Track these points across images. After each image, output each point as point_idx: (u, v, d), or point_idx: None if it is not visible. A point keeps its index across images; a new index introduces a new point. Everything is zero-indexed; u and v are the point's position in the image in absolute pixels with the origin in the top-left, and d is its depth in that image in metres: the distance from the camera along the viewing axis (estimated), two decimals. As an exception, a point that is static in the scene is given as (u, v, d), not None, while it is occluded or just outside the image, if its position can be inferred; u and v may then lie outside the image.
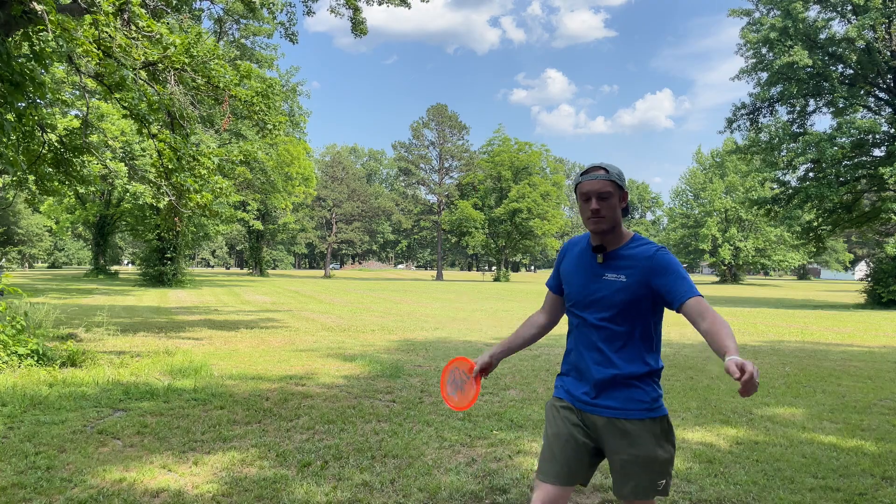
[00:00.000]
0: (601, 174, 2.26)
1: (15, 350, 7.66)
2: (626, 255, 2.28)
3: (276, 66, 43.10)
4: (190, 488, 3.86)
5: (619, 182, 2.27)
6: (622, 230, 2.33)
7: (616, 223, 2.28)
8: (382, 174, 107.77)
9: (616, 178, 2.26)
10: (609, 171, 2.27)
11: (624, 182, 2.30)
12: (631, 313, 2.26)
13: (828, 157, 25.01)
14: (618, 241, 2.31)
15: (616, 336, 2.28)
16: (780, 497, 3.88)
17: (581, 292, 2.35)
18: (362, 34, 12.93)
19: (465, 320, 16.19)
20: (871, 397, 6.94)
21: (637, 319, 2.27)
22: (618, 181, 2.26)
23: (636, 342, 2.28)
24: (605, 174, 2.26)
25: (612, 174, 2.26)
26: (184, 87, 8.92)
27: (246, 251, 66.80)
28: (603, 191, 2.24)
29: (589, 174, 2.29)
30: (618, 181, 2.26)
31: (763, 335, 13.52)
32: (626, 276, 2.25)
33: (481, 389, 2.61)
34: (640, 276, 2.23)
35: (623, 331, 2.27)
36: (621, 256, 2.29)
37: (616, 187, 2.26)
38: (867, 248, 71.52)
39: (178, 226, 13.36)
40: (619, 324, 2.27)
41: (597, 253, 2.33)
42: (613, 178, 2.26)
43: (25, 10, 6.50)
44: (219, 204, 12.73)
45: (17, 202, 56.50)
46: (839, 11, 26.81)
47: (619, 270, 2.27)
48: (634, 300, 2.25)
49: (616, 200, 2.27)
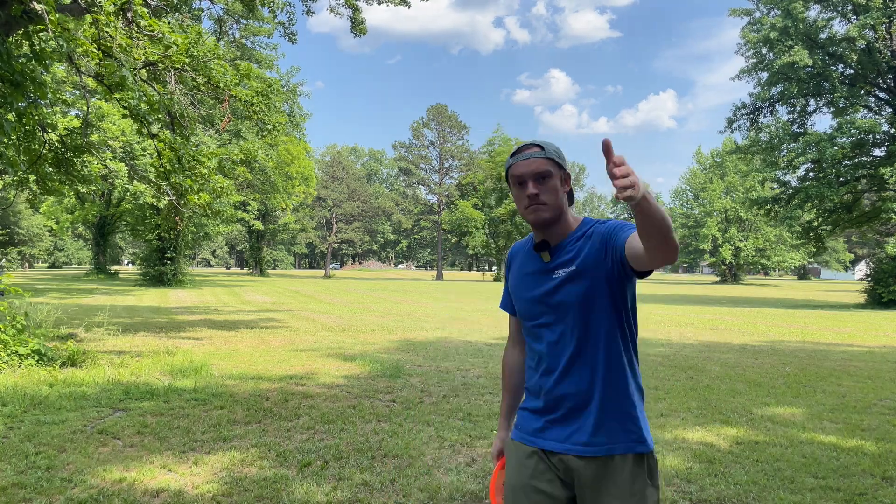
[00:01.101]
0: (535, 152, 1.87)
1: (15, 350, 7.66)
2: (572, 240, 1.89)
3: (277, 66, 43.10)
4: (190, 488, 3.86)
5: (558, 161, 1.88)
6: (569, 218, 1.92)
7: (561, 210, 1.88)
8: (383, 174, 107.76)
9: (554, 155, 1.88)
10: (545, 147, 1.88)
11: (565, 161, 1.92)
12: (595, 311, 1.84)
13: (828, 156, 25.00)
14: (564, 231, 1.90)
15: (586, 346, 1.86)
16: (780, 497, 3.88)
17: (532, 304, 1.94)
18: (362, 34, 12.93)
19: (466, 320, 16.19)
20: (871, 397, 6.94)
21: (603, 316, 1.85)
22: (557, 159, 1.88)
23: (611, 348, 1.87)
24: (541, 151, 1.87)
25: (548, 151, 1.88)
26: (184, 86, 8.92)
27: (246, 251, 66.81)
28: (540, 170, 1.85)
29: (520, 154, 1.89)
30: (557, 159, 1.88)
31: (763, 335, 13.52)
32: (576, 263, 1.85)
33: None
34: (590, 256, 1.84)
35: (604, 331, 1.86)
36: (567, 244, 1.89)
37: (556, 166, 1.87)
38: (867, 248, 71.51)
39: (179, 225, 13.36)
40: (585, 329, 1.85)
41: (540, 252, 1.92)
42: (551, 155, 1.87)
43: (25, 9, 6.50)
44: (220, 203, 12.70)
45: (17, 202, 56.50)
46: (840, 11, 26.80)
47: (568, 262, 1.87)
48: (594, 290, 1.83)
49: (557, 182, 1.87)
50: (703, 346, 11.28)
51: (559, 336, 1.88)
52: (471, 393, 6.78)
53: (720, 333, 13.61)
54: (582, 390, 1.85)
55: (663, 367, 8.76)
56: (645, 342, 11.55)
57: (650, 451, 1.85)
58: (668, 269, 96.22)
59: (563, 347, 1.87)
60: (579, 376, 1.85)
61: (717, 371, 8.48)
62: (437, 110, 71.94)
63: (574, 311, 1.85)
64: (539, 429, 1.90)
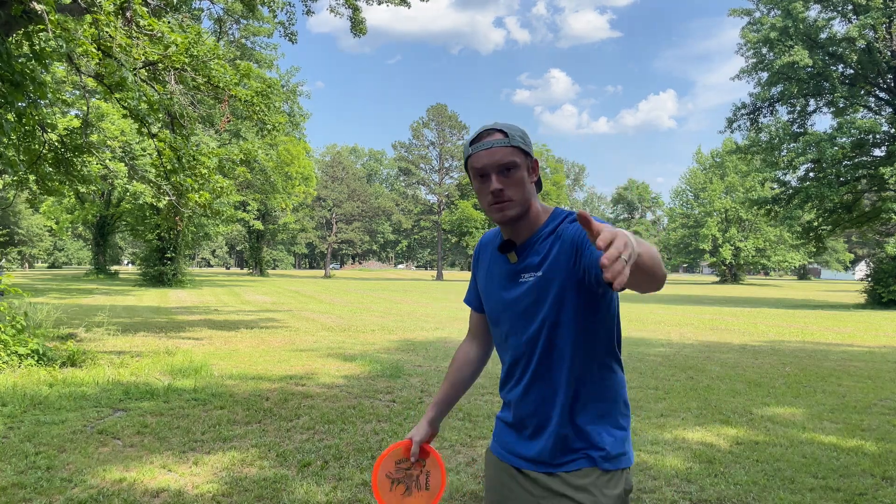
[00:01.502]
0: (498, 140, 1.61)
1: (15, 350, 7.66)
2: (541, 238, 1.67)
3: (277, 66, 43.11)
4: (190, 488, 3.86)
5: (524, 148, 1.64)
6: (537, 210, 1.69)
7: (528, 204, 1.66)
8: (382, 174, 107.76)
9: (520, 142, 1.63)
10: (508, 133, 1.63)
11: (531, 146, 1.68)
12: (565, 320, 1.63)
13: (828, 156, 25.01)
14: (532, 226, 1.68)
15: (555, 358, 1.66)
16: (780, 497, 3.88)
17: (498, 310, 1.75)
18: (361, 34, 12.93)
19: (466, 320, 16.17)
20: (871, 397, 6.94)
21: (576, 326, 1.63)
22: (523, 146, 1.64)
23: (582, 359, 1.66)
24: (503, 139, 1.62)
25: (512, 137, 1.62)
26: (184, 86, 8.92)
27: (246, 251, 66.80)
28: (505, 161, 1.60)
29: (481, 142, 1.63)
30: (523, 146, 1.64)
31: (763, 335, 13.52)
32: (542, 268, 1.63)
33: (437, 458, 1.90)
34: (557, 261, 1.61)
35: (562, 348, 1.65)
36: (536, 243, 1.67)
37: (522, 155, 1.63)
38: (867, 248, 71.51)
39: (179, 225, 13.37)
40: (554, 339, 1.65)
41: (505, 253, 1.71)
42: (516, 142, 1.62)
43: (25, 9, 6.50)
44: (220, 203, 12.71)
45: (17, 202, 56.49)
46: (840, 11, 26.81)
47: (534, 265, 1.65)
48: (562, 297, 1.61)
49: (524, 173, 1.63)
50: (703, 346, 11.29)
51: (525, 346, 1.69)
52: (470, 393, 6.78)
53: (720, 333, 13.61)
54: (547, 408, 1.68)
55: (663, 367, 8.76)
56: (645, 342, 11.55)
57: (620, 468, 1.65)
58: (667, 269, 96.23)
59: (529, 359, 1.70)
60: (544, 392, 1.68)
61: (717, 371, 8.48)
62: (437, 110, 71.93)
63: (540, 320, 1.65)
64: (510, 443, 1.80)
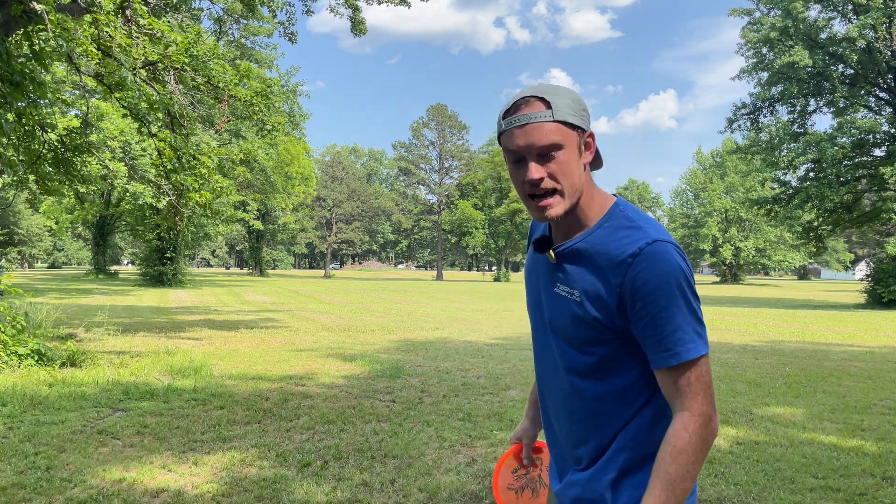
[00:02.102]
0: (538, 113, 1.23)
1: (15, 350, 7.66)
2: (591, 248, 1.29)
3: (276, 66, 43.13)
4: (190, 488, 3.85)
5: (573, 121, 1.25)
6: (591, 200, 1.32)
7: (578, 194, 1.29)
8: (382, 174, 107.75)
9: (568, 114, 1.24)
10: (552, 103, 1.24)
11: (585, 116, 1.29)
12: (600, 359, 1.31)
13: (828, 156, 25.01)
14: (580, 222, 1.32)
15: (582, 392, 1.35)
16: (780, 497, 3.88)
17: (532, 312, 1.48)
18: (362, 34, 12.93)
19: (466, 320, 16.19)
20: (871, 397, 6.93)
21: (614, 371, 1.31)
22: (571, 119, 1.25)
23: (611, 406, 1.33)
24: (546, 112, 1.23)
25: (557, 108, 1.24)
26: (183, 86, 8.92)
27: (246, 251, 66.79)
28: (546, 143, 1.23)
29: (516, 115, 1.26)
30: (571, 119, 1.25)
31: (763, 335, 13.51)
32: (580, 290, 1.29)
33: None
34: (603, 293, 1.26)
35: (593, 390, 1.33)
36: (584, 252, 1.30)
37: (571, 131, 1.25)
38: (867, 248, 71.50)
39: (179, 225, 13.37)
40: (581, 378, 1.34)
41: (539, 251, 1.39)
42: (562, 115, 1.24)
43: (25, 9, 6.50)
44: (220, 203, 12.71)
45: (17, 202, 56.49)
46: (840, 11, 26.80)
47: (573, 281, 1.31)
48: (598, 338, 1.29)
49: (573, 154, 1.26)
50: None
51: (549, 360, 1.42)
52: (471, 393, 6.78)
53: (720, 333, 13.61)
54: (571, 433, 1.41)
55: (663, 367, 8.74)
56: (645, 342, 11.53)
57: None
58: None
59: (551, 376, 1.42)
60: (564, 416, 1.41)
61: (717, 371, 8.48)
62: (437, 110, 71.93)
63: (567, 342, 1.35)
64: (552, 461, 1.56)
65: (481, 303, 24.46)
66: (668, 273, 1.21)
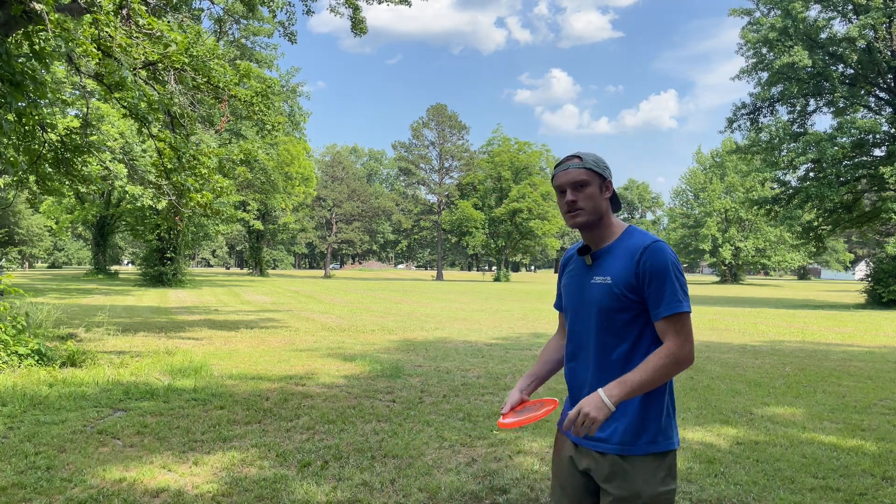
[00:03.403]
0: (574, 163, 2.05)
1: (15, 350, 7.66)
2: (615, 251, 2.03)
3: (277, 66, 43.14)
4: (190, 488, 3.86)
5: (595, 169, 2.02)
6: (612, 223, 2.07)
7: (600, 215, 2.03)
8: (382, 174, 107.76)
9: (592, 164, 2.03)
10: (584, 158, 2.05)
11: (603, 169, 2.05)
12: (625, 324, 1.98)
13: (828, 156, 25.00)
14: (607, 236, 2.07)
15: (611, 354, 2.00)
16: (780, 497, 3.88)
17: (571, 301, 2.12)
18: (362, 33, 12.92)
19: (466, 320, 16.19)
20: (871, 397, 6.94)
21: (633, 332, 1.98)
22: (595, 168, 2.02)
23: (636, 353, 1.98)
24: (579, 162, 2.04)
25: (586, 161, 2.03)
26: (183, 86, 8.92)
27: (246, 251, 66.79)
28: (577, 180, 2.01)
29: (561, 165, 2.08)
30: (595, 168, 2.02)
31: (763, 335, 13.52)
32: (611, 276, 1.99)
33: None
34: (626, 276, 1.96)
35: (619, 347, 1.99)
36: (610, 253, 2.03)
37: (594, 175, 2.02)
38: (867, 248, 71.50)
39: (179, 225, 13.38)
40: (613, 338, 1.99)
41: (583, 255, 2.09)
42: (589, 164, 2.02)
43: (25, 9, 6.50)
44: (220, 203, 12.73)
45: (17, 202, 56.50)
46: (840, 11, 26.79)
47: (605, 271, 2.01)
48: (623, 304, 1.96)
49: (595, 189, 2.02)
50: (703, 346, 11.28)
51: (583, 335, 2.06)
52: (471, 393, 6.78)
53: (720, 333, 13.61)
54: (597, 382, 1.98)
55: (663, 367, 8.74)
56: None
57: (665, 451, 1.95)
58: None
59: (587, 346, 2.04)
60: (597, 376, 2.00)
61: (717, 371, 8.48)
62: (437, 110, 71.90)
63: (601, 315, 2.00)
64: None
65: (481, 303, 24.46)
66: (664, 260, 1.95)
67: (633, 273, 1.95)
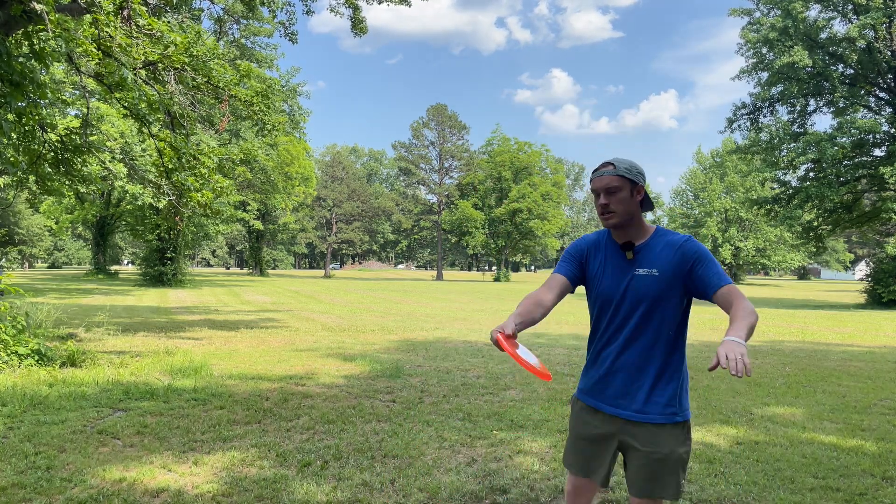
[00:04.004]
0: (608, 170, 2.29)
1: (15, 350, 7.66)
2: (654, 247, 2.31)
3: (277, 66, 43.14)
4: (190, 488, 3.86)
5: (628, 175, 2.27)
6: (643, 224, 2.35)
7: (631, 216, 2.30)
8: (382, 174, 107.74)
9: (624, 171, 2.27)
10: (616, 165, 2.29)
11: (635, 175, 2.29)
12: (662, 310, 2.29)
13: (828, 156, 25.00)
14: (641, 234, 2.35)
15: (648, 335, 2.31)
16: (780, 497, 3.88)
17: (613, 291, 2.37)
18: (362, 33, 12.93)
19: (466, 320, 16.19)
20: (871, 397, 6.94)
21: (668, 318, 2.30)
22: (627, 175, 2.27)
23: (665, 337, 2.31)
24: (612, 169, 2.28)
25: (619, 168, 2.28)
26: (183, 86, 8.92)
27: (246, 251, 66.80)
28: (610, 186, 2.27)
29: (597, 171, 2.33)
30: (627, 175, 2.27)
31: (763, 335, 13.52)
32: (658, 269, 2.28)
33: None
34: (672, 267, 2.27)
35: (656, 330, 2.31)
36: (650, 249, 2.32)
37: (625, 181, 2.27)
38: (867, 247, 71.47)
39: (179, 225, 13.38)
40: (650, 322, 2.30)
41: (626, 250, 2.35)
42: (621, 171, 2.27)
43: (25, 9, 6.50)
44: (220, 203, 12.73)
45: (17, 202, 56.50)
46: (840, 11, 26.79)
47: (650, 264, 2.30)
48: (667, 293, 2.28)
49: (627, 194, 2.28)
50: (704, 346, 11.28)
51: (625, 320, 2.33)
52: (471, 393, 6.78)
53: (720, 333, 13.61)
54: (635, 367, 2.31)
55: (663, 367, 8.74)
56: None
57: (686, 420, 2.34)
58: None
59: (629, 330, 2.32)
60: (636, 355, 2.32)
61: (717, 371, 8.48)
62: (437, 110, 71.89)
63: (645, 303, 2.29)
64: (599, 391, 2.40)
65: (481, 303, 24.46)
66: (703, 248, 2.30)
67: (679, 262, 2.26)
